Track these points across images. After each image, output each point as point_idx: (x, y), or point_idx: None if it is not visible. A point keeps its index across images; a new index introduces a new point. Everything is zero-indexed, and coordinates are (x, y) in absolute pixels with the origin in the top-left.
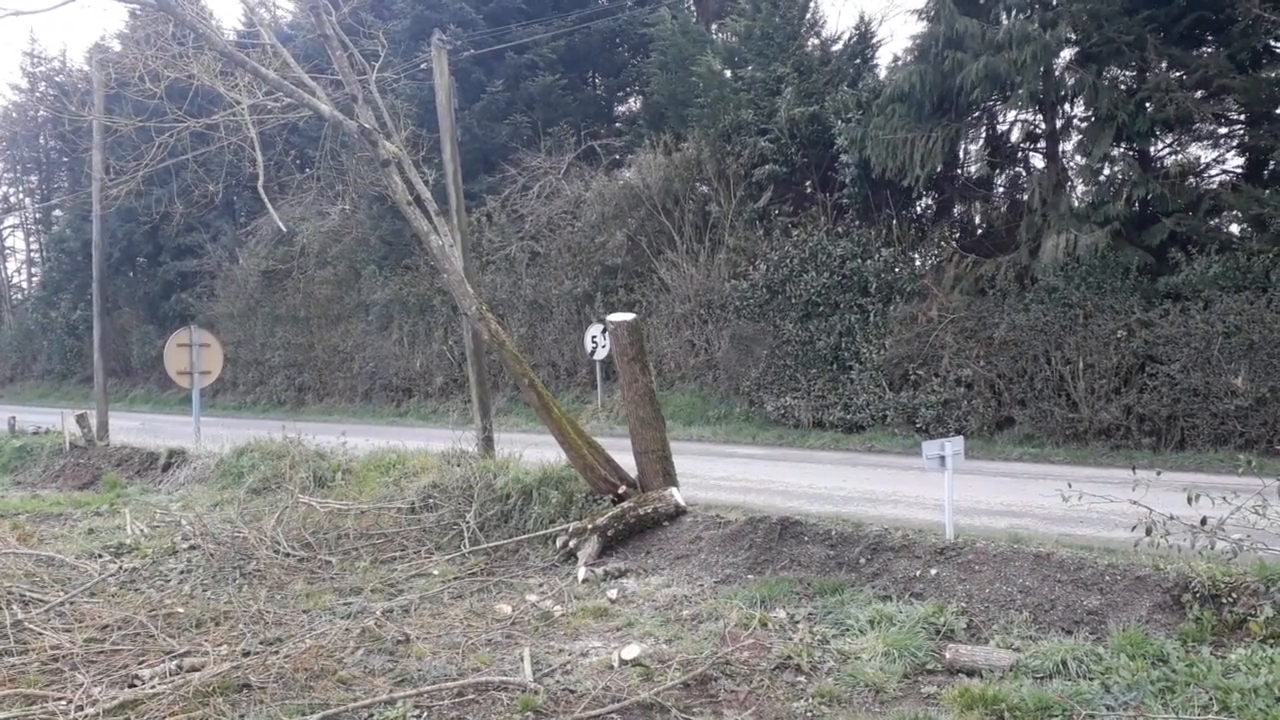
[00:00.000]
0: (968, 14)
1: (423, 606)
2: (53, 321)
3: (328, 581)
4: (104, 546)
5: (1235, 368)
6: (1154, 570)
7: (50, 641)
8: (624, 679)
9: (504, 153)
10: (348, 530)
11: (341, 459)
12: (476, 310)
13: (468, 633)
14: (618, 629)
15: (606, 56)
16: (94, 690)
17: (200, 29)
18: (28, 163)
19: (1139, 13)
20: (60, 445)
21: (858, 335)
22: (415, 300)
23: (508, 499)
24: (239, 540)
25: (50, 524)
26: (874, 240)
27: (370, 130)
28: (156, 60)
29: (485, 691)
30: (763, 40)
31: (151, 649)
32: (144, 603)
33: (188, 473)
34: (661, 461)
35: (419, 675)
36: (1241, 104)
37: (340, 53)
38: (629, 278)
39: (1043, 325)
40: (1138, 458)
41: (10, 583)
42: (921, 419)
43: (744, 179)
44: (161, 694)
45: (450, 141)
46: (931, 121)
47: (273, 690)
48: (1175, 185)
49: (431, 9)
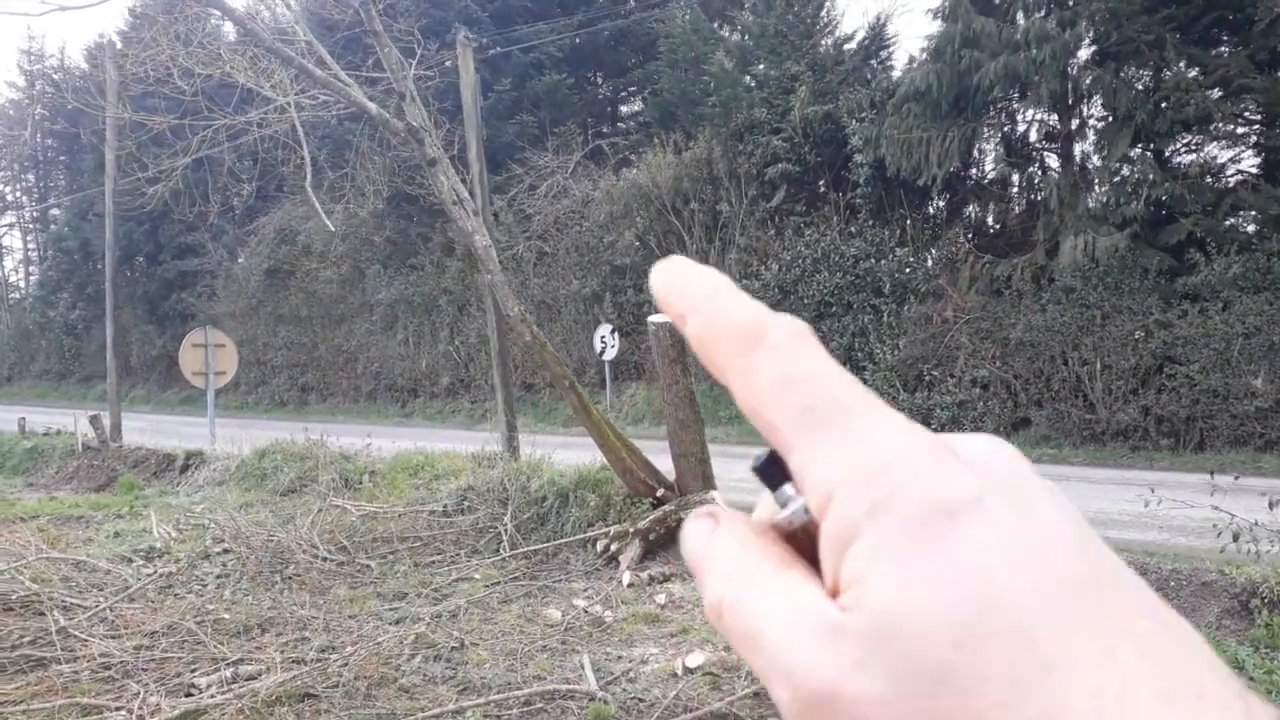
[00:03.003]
0: (984, 13)
1: (471, 611)
2: (51, 321)
3: (369, 586)
4: (134, 550)
5: (1255, 369)
6: (1220, 575)
7: (99, 649)
8: (691, 688)
9: (510, 152)
10: (383, 533)
11: (367, 461)
12: (518, 312)
13: (521, 639)
14: (672, 635)
15: (612, 57)
16: (151, 699)
17: (248, 25)
18: (25, 161)
19: (1158, 12)
20: (72, 446)
21: (871, 336)
22: (421, 300)
23: (543, 501)
24: (273, 544)
25: (73, 527)
26: (888, 240)
27: (417, 129)
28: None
29: (553, 700)
30: (776, 38)
31: (203, 656)
32: (188, 608)
33: (206, 474)
34: (700, 465)
35: (481, 683)
36: (1260, 104)
37: (388, 49)
38: (638, 278)
39: (1060, 326)
40: (1156, 459)
41: (48, 588)
42: (937, 420)
43: (756, 178)
44: (224, 704)
45: (476, 140)
46: (948, 121)
47: (337, 700)
48: (1194, 185)
49: (438, 7)
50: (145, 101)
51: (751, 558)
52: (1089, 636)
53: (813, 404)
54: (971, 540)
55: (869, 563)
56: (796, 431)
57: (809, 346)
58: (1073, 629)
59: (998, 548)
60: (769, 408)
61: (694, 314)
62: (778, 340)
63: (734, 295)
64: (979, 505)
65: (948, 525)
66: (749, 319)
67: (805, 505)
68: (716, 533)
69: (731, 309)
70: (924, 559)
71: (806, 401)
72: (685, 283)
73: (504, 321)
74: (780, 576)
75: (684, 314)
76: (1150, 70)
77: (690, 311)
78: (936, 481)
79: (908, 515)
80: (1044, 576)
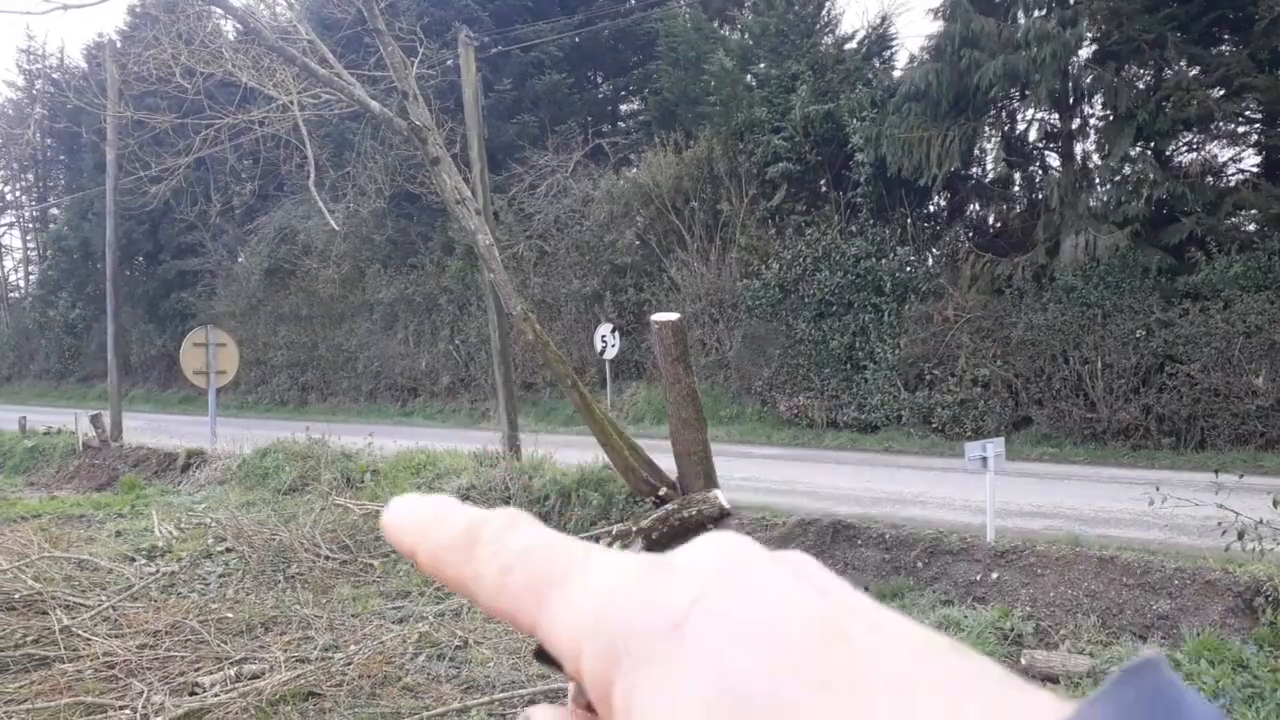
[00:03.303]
0: (984, 13)
1: (474, 610)
2: (50, 320)
3: (372, 585)
4: (136, 549)
5: (1256, 368)
6: (1224, 574)
7: (102, 648)
8: None
9: (511, 151)
10: None
11: (369, 459)
12: (521, 311)
13: (524, 637)
14: None
15: (612, 56)
16: (155, 698)
17: (251, 24)
18: (24, 160)
19: (1159, 10)
20: (73, 445)
21: (872, 335)
22: (421, 299)
23: (546, 500)
24: (275, 543)
25: (74, 526)
26: (889, 239)
27: (421, 128)
28: (192, 57)
29: (558, 699)
30: (777, 37)
31: (206, 655)
32: (191, 607)
33: (207, 473)
34: (703, 463)
35: (485, 682)
36: (1261, 103)
37: (391, 47)
38: (638, 277)
39: (1061, 325)
40: (1157, 458)
41: (51, 587)
42: (937, 419)
43: (756, 177)
44: (228, 703)
45: (478, 139)
46: (948, 120)
47: (341, 699)
48: (1195, 184)
49: (438, 6)
50: (145, 101)
51: None
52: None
53: (533, 578)
54: (699, 640)
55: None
56: (532, 610)
57: (521, 529)
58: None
59: (727, 637)
60: (502, 599)
61: (420, 542)
62: (491, 535)
63: (453, 511)
64: (697, 605)
65: (675, 636)
66: (463, 525)
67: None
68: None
69: (448, 523)
70: (669, 676)
71: (527, 579)
72: (406, 518)
73: (505, 320)
74: None
75: (413, 548)
76: (1151, 69)
77: (417, 542)
78: (653, 600)
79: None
80: (781, 647)
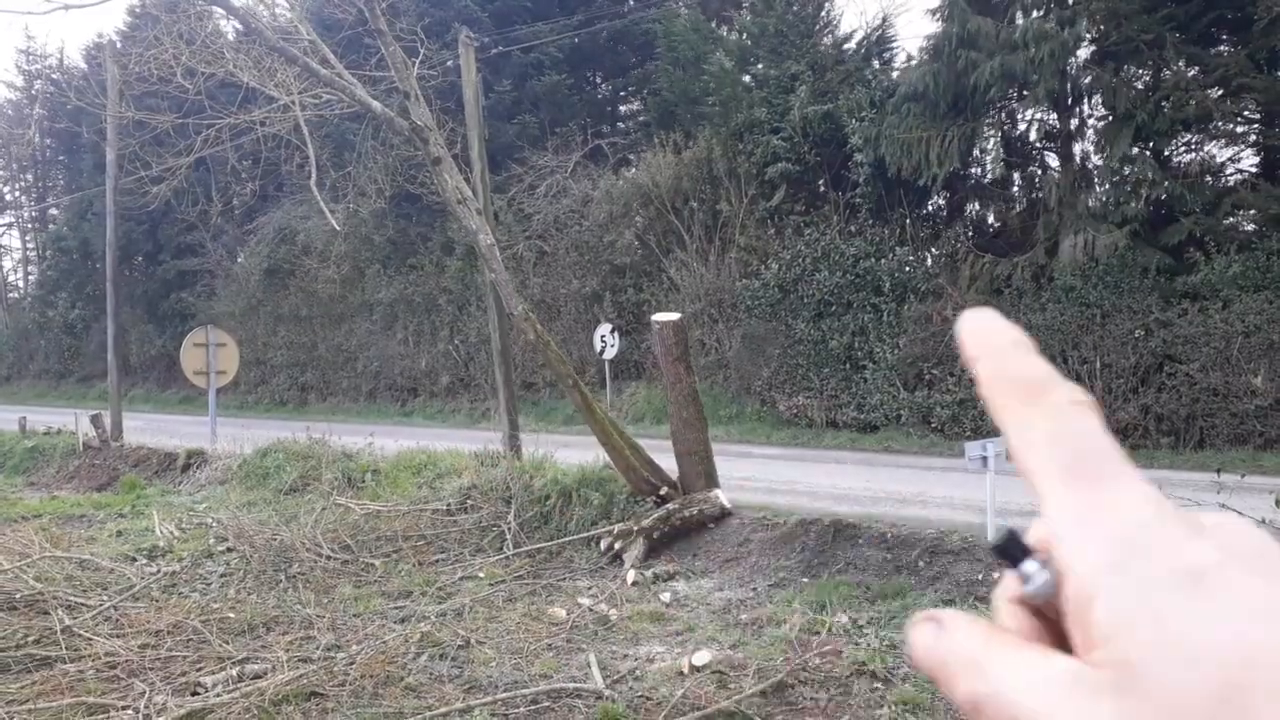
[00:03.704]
0: (981, 13)
1: (475, 610)
2: (50, 320)
3: (374, 584)
4: (137, 549)
5: (1255, 367)
6: None
7: (104, 648)
8: (699, 686)
9: (510, 152)
10: (386, 532)
11: (370, 459)
12: (522, 310)
13: (527, 637)
14: (678, 633)
15: (611, 57)
16: (157, 698)
17: (253, 24)
18: (24, 160)
19: (1158, 10)
20: (73, 445)
21: (871, 334)
22: (421, 299)
23: (547, 500)
24: (277, 543)
25: (75, 526)
26: (888, 239)
27: (422, 128)
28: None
29: (560, 699)
30: (776, 38)
31: (208, 655)
32: (192, 607)
33: (208, 473)
34: (704, 463)
35: (488, 682)
36: (1260, 103)
37: (392, 48)
38: (638, 277)
39: (1059, 325)
40: (1157, 457)
41: (52, 587)
42: (937, 419)
43: (756, 178)
44: (230, 703)
45: (478, 139)
46: (947, 121)
47: (343, 699)
48: (1194, 184)
49: (438, 7)
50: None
51: (987, 648)
52: None
53: (1074, 464)
54: (1221, 601)
55: (1119, 621)
56: (1054, 483)
57: (1086, 415)
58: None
59: (1248, 609)
60: (1036, 456)
61: (991, 357)
62: (1058, 401)
63: (1031, 354)
64: (1222, 570)
65: (1194, 588)
66: (1038, 376)
67: (1049, 579)
68: (942, 635)
69: (1026, 363)
70: (1177, 618)
71: (1069, 460)
72: (990, 332)
73: (506, 320)
74: (1023, 654)
75: (981, 355)
76: (1150, 69)
77: (989, 355)
78: (1180, 547)
79: (1153, 577)
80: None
